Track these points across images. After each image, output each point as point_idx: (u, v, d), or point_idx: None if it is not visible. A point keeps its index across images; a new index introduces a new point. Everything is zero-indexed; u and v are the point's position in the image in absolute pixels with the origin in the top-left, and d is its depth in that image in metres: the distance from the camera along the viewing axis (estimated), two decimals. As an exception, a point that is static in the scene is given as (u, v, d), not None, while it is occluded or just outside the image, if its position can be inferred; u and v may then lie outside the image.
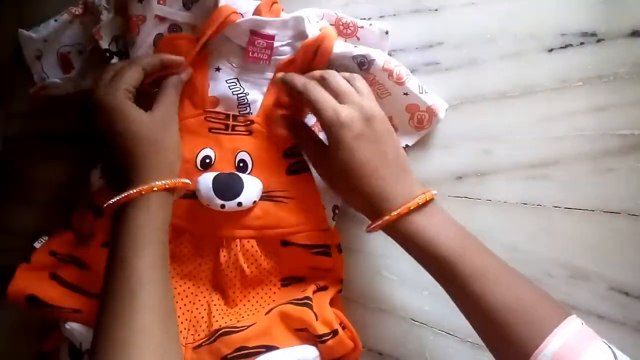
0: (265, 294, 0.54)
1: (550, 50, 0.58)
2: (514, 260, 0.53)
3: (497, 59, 0.58)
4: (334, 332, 0.49)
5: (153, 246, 0.44)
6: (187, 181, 0.49)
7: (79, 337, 0.49)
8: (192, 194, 0.52)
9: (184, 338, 0.51)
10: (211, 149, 0.53)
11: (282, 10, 0.55)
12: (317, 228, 0.54)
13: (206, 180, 0.50)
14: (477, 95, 0.58)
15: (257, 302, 0.54)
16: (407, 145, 0.57)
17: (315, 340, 0.49)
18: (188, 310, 0.53)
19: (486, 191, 0.58)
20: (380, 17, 0.59)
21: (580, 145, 0.57)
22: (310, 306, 0.49)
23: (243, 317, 0.52)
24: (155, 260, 0.44)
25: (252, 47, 0.53)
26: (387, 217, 0.46)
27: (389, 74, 0.54)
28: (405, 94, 0.55)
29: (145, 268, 0.43)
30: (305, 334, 0.49)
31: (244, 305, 0.53)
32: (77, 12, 0.55)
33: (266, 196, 0.53)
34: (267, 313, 0.51)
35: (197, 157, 0.53)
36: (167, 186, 0.46)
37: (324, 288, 0.53)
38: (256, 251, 0.53)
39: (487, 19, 0.58)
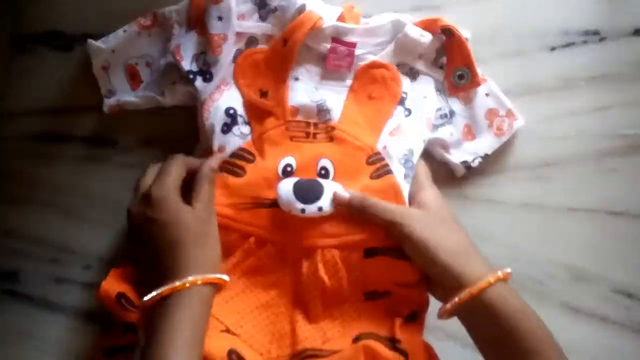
0: (350, 307, 0.52)
1: (553, 49, 0.57)
2: (515, 262, 0.53)
3: (499, 57, 0.58)
4: None
5: (188, 347, 0.44)
6: (225, 277, 0.48)
7: None
8: (273, 203, 0.51)
9: (266, 351, 0.50)
10: (292, 156, 0.53)
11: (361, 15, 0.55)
12: None
13: (287, 185, 0.50)
14: (478, 94, 0.57)
15: (341, 315, 0.52)
16: (486, 155, 0.56)
17: None
18: (271, 322, 0.52)
19: (487, 191, 0.57)
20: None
21: (583, 145, 0.57)
22: (403, 352, 0.48)
23: (328, 335, 0.51)
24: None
25: (334, 54, 0.53)
26: (476, 286, 0.46)
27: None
28: (487, 94, 0.55)
29: None
30: None
31: (329, 321, 0.52)
32: (145, 24, 0.55)
33: None
34: (354, 340, 0.49)
35: (278, 166, 0.52)
36: (200, 282, 0.46)
37: (413, 317, 0.52)
38: (337, 262, 0.51)
39: (489, 17, 0.58)
